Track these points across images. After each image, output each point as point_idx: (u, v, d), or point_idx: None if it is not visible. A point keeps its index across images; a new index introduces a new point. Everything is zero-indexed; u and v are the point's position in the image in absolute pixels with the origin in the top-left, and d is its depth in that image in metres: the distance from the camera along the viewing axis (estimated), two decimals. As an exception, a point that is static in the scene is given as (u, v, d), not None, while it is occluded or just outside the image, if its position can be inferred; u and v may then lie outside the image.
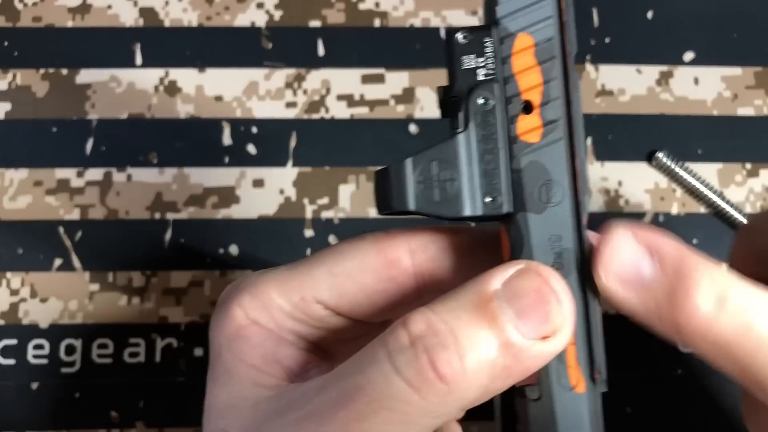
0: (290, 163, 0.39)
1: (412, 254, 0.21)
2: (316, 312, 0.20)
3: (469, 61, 0.19)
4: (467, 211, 0.19)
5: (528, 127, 0.19)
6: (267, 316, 0.20)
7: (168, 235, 0.38)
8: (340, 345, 0.22)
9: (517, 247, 0.19)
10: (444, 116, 0.20)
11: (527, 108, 0.19)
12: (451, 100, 0.20)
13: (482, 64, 0.19)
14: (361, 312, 0.21)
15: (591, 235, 0.20)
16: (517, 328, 0.17)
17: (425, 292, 0.21)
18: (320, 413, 0.17)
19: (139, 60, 0.40)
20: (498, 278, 0.18)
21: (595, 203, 0.39)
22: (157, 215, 0.38)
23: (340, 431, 0.17)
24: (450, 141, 0.19)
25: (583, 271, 0.19)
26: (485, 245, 0.21)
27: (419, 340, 0.17)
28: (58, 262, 0.37)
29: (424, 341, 0.17)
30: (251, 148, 0.39)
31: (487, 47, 0.19)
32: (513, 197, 0.19)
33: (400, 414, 0.17)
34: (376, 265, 0.20)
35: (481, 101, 0.19)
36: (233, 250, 0.38)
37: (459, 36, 0.19)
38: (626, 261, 0.18)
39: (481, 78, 0.19)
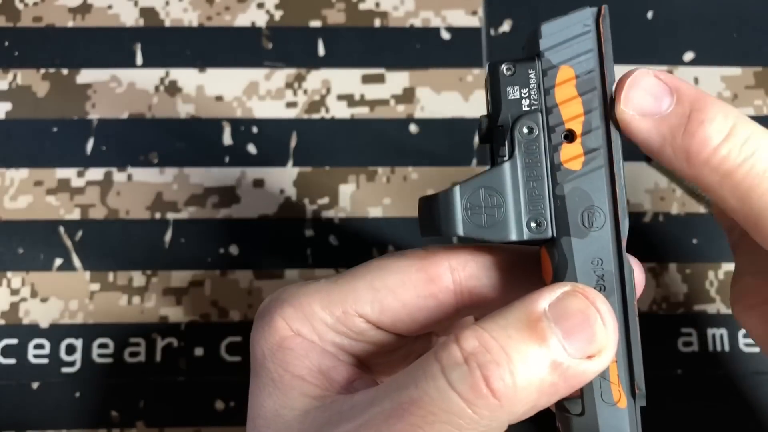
0: (290, 162, 0.39)
1: (453, 271, 0.21)
2: (357, 325, 0.21)
3: (513, 92, 0.20)
4: (513, 237, 0.20)
5: (571, 155, 0.20)
6: (309, 328, 0.21)
7: (168, 235, 0.38)
8: (377, 357, 0.23)
9: (561, 269, 0.20)
10: (482, 142, 0.21)
11: (569, 137, 0.20)
12: (497, 129, 0.20)
13: (526, 95, 0.20)
14: (402, 326, 0.22)
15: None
16: (565, 348, 0.18)
17: (463, 308, 0.22)
18: (375, 424, 0.18)
19: (139, 60, 0.40)
20: (546, 299, 0.19)
21: (595, 203, 0.39)
22: (158, 215, 0.38)
23: None
24: (496, 169, 0.20)
25: (624, 292, 0.20)
26: (523, 264, 0.22)
27: (472, 357, 0.18)
28: (58, 261, 0.37)
29: (477, 358, 0.18)
30: (251, 148, 0.39)
31: (531, 79, 0.20)
32: (556, 222, 0.20)
33: (453, 427, 0.17)
34: (418, 282, 0.21)
35: (526, 130, 0.20)
36: (233, 250, 0.38)
37: (503, 68, 0.20)
38: (646, 93, 0.20)
39: (525, 108, 0.20)
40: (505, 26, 0.41)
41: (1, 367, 0.36)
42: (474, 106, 0.39)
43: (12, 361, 0.36)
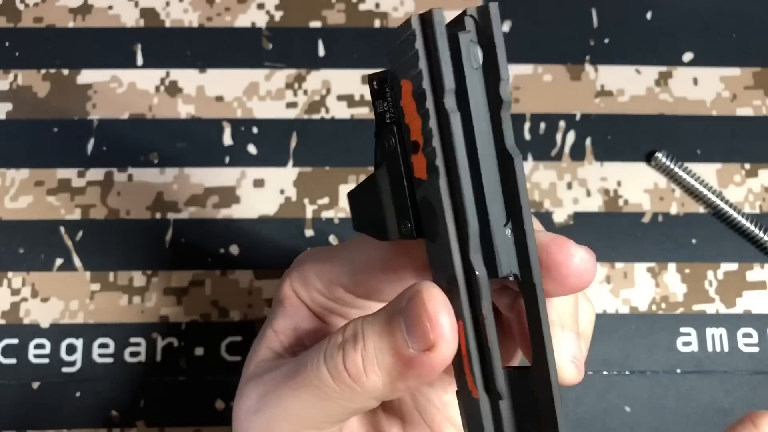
0: (290, 163, 0.39)
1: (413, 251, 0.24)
2: (338, 293, 0.25)
3: (379, 106, 0.21)
4: (392, 236, 0.22)
5: (419, 165, 0.20)
6: (305, 291, 0.26)
7: (169, 235, 0.38)
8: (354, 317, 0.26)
9: (429, 270, 0.21)
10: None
11: (416, 148, 0.20)
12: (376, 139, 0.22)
13: (387, 108, 0.21)
14: (374, 295, 0.25)
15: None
16: (408, 341, 0.21)
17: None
18: (275, 380, 0.23)
19: (140, 60, 0.40)
20: (407, 297, 0.21)
21: (594, 203, 0.39)
22: (158, 215, 0.38)
23: (281, 396, 0.22)
24: (372, 177, 0.22)
25: (471, 295, 0.20)
26: None
27: (345, 342, 0.22)
28: (59, 261, 0.37)
29: (346, 343, 0.22)
30: (252, 148, 0.39)
31: (387, 93, 0.21)
32: (416, 227, 0.21)
33: (321, 393, 0.22)
34: (387, 259, 0.24)
35: (386, 143, 0.21)
36: (234, 249, 0.38)
37: (374, 83, 0.21)
38: None
39: (387, 121, 0.21)
40: (505, 26, 0.41)
41: (1, 367, 0.36)
42: (474, 106, 0.39)
43: (12, 360, 0.36)
